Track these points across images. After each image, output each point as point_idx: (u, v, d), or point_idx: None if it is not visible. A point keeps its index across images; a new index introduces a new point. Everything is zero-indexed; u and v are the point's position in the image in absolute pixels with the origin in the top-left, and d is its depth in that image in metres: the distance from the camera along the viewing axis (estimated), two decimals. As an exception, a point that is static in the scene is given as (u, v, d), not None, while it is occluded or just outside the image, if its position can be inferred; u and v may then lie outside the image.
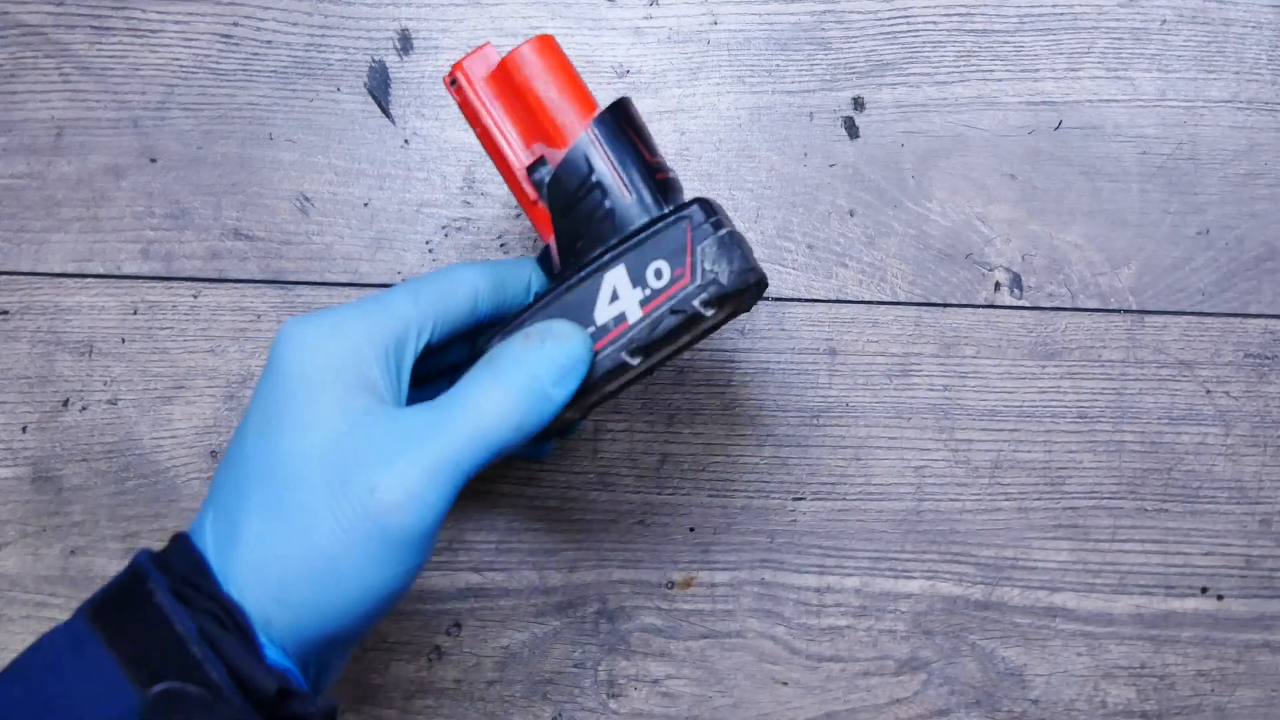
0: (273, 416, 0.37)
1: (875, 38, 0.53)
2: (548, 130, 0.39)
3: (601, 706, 0.52)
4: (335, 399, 0.37)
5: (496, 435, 0.37)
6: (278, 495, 0.36)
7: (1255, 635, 0.54)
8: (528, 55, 0.39)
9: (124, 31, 0.51)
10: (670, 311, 0.38)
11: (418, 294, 0.39)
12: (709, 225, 0.38)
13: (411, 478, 0.36)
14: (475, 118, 0.40)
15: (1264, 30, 0.53)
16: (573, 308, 0.39)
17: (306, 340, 0.37)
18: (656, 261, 0.38)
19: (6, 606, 0.51)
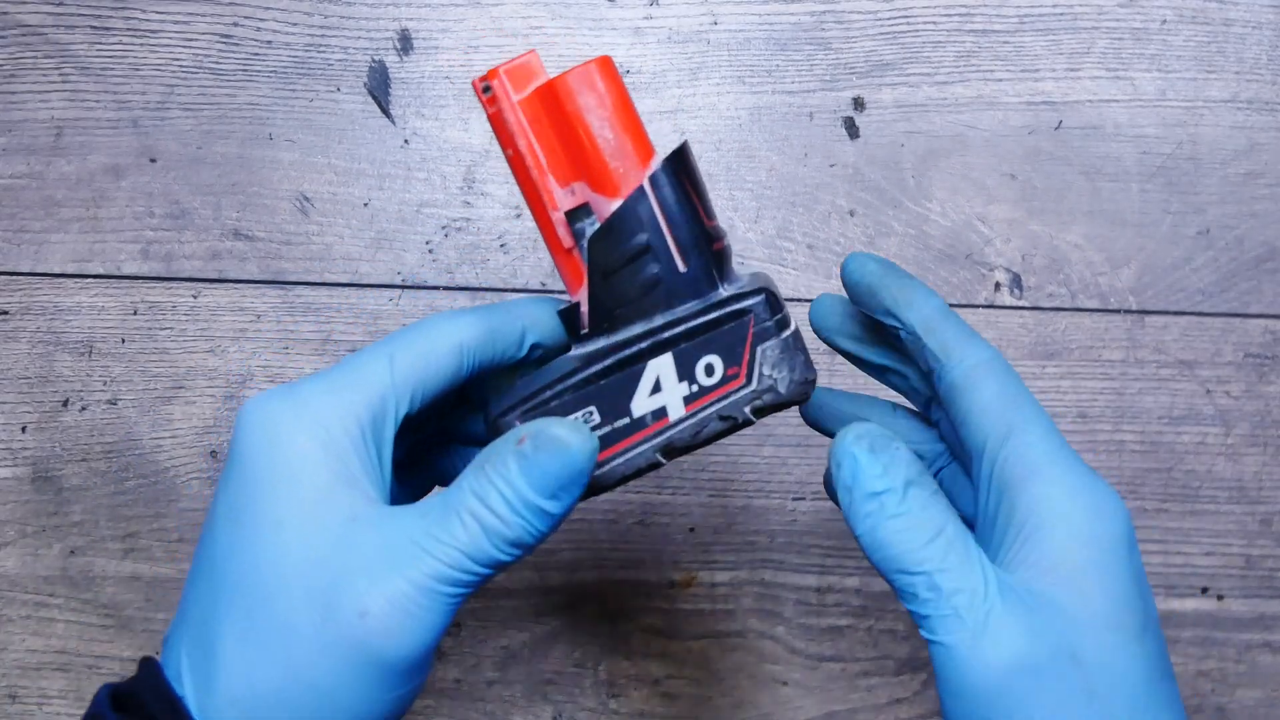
0: (243, 519, 0.33)
1: (875, 38, 0.53)
2: (597, 173, 0.34)
3: (601, 706, 0.52)
4: (311, 498, 0.32)
5: (491, 553, 0.32)
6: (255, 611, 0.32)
7: (1255, 635, 0.54)
8: (585, 81, 0.33)
9: (124, 31, 0.51)
10: (718, 417, 0.34)
11: (393, 358, 0.34)
12: (773, 325, 0.34)
13: (406, 598, 0.32)
14: (509, 139, 0.34)
15: (1264, 30, 0.53)
16: (608, 393, 0.34)
17: (271, 426, 0.33)
18: (709, 356, 0.34)
19: (6, 606, 0.51)
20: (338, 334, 0.52)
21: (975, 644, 0.32)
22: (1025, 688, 0.32)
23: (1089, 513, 0.34)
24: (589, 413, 0.34)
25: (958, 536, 0.33)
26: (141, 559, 0.51)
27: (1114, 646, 0.33)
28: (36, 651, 0.51)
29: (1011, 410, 0.35)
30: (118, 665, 0.51)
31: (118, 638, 0.51)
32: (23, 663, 0.51)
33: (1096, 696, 0.32)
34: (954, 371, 0.36)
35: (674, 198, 0.34)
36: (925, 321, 0.37)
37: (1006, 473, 0.35)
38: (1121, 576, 0.34)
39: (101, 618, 0.51)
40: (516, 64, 0.34)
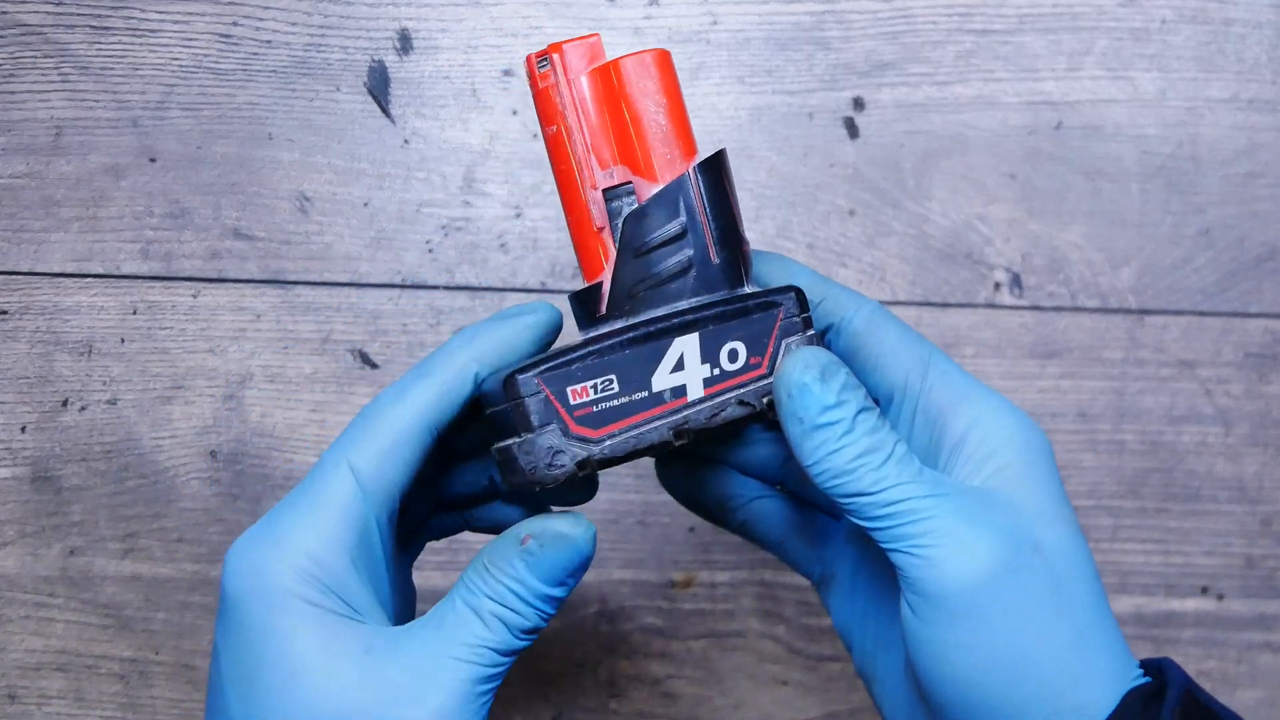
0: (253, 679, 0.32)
1: (875, 38, 0.53)
2: (643, 157, 0.34)
3: (601, 706, 0.52)
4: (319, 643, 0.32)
5: (514, 643, 0.33)
6: None
7: (1256, 635, 0.54)
8: (647, 67, 0.34)
9: (123, 31, 0.51)
10: (737, 402, 0.34)
11: (353, 466, 0.33)
12: (800, 321, 0.34)
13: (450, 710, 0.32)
14: (554, 115, 0.35)
15: (1264, 30, 0.53)
16: (630, 364, 0.33)
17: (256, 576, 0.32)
18: (735, 342, 0.34)
19: (6, 606, 0.51)
20: (337, 334, 0.52)
21: (948, 550, 0.32)
22: (999, 582, 0.32)
23: (1019, 428, 0.36)
24: (609, 380, 0.34)
25: (909, 456, 0.34)
26: (141, 559, 0.51)
27: (1066, 536, 0.34)
28: (36, 651, 0.51)
29: (918, 347, 0.37)
30: (117, 665, 0.51)
31: (117, 638, 0.51)
32: (22, 663, 0.51)
33: (1060, 586, 0.33)
34: (855, 320, 0.38)
35: (715, 189, 0.35)
36: (811, 283, 0.38)
37: (935, 401, 0.36)
38: (1055, 480, 0.36)
39: (101, 618, 0.51)
40: (580, 42, 0.34)
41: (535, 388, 0.33)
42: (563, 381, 0.33)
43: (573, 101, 0.34)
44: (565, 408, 0.33)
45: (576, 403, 0.33)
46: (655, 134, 0.34)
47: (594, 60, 0.35)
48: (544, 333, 0.37)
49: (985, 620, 0.32)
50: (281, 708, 0.32)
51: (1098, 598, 0.34)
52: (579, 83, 0.34)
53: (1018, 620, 0.32)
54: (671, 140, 0.34)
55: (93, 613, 0.51)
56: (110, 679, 0.51)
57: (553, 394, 0.33)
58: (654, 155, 0.34)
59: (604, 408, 0.33)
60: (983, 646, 0.32)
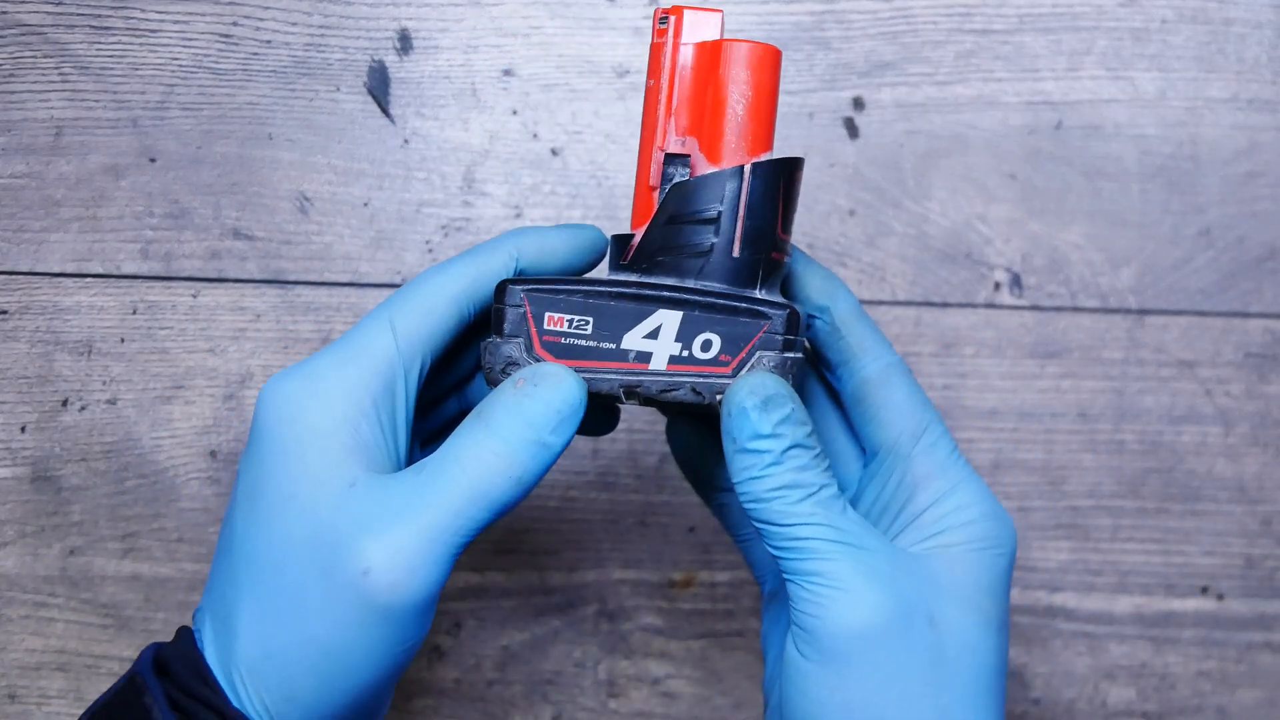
0: (257, 493, 0.34)
1: (875, 38, 0.53)
2: (712, 137, 0.36)
3: (601, 706, 0.52)
4: (318, 469, 0.34)
5: (496, 492, 0.34)
6: (268, 583, 0.34)
7: (1256, 635, 0.54)
8: (745, 55, 0.36)
9: (123, 31, 0.51)
10: (691, 389, 0.36)
11: (393, 323, 0.35)
12: (781, 340, 0.35)
13: (407, 551, 0.33)
14: (656, 69, 0.37)
15: (1264, 30, 0.53)
16: (610, 315, 0.35)
17: (285, 404, 0.34)
18: (712, 334, 0.35)
19: (6, 606, 0.51)
20: (337, 333, 0.52)
21: (837, 593, 0.33)
22: (878, 638, 0.33)
23: (985, 516, 0.36)
24: (585, 320, 0.36)
25: (833, 498, 0.34)
26: (141, 559, 0.51)
27: (972, 626, 0.35)
28: (36, 651, 0.51)
29: (920, 412, 0.38)
30: (117, 665, 0.51)
31: (117, 638, 0.51)
32: (22, 663, 0.51)
33: (943, 663, 0.34)
34: (870, 367, 0.38)
35: (762, 192, 0.36)
36: (845, 316, 0.39)
37: (914, 470, 0.37)
38: (997, 575, 0.36)
39: (101, 618, 0.51)
40: (701, 12, 0.37)
41: (519, 300, 0.36)
42: (544, 305, 0.35)
43: (672, 64, 0.36)
44: (538, 329, 0.36)
45: (549, 328, 0.36)
46: (730, 120, 0.36)
47: (706, 32, 0.37)
48: (587, 252, 0.39)
49: (854, 672, 0.33)
50: (272, 529, 0.34)
51: (983, 692, 0.35)
52: (684, 49, 0.36)
53: (885, 682, 0.33)
54: (742, 131, 0.36)
55: (93, 613, 0.51)
56: (110, 679, 0.51)
57: (532, 313, 0.36)
58: (722, 139, 0.36)
59: (571, 343, 0.36)
60: (846, 697, 0.33)
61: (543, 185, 0.52)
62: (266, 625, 0.34)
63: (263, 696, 0.33)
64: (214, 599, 0.35)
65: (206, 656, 0.34)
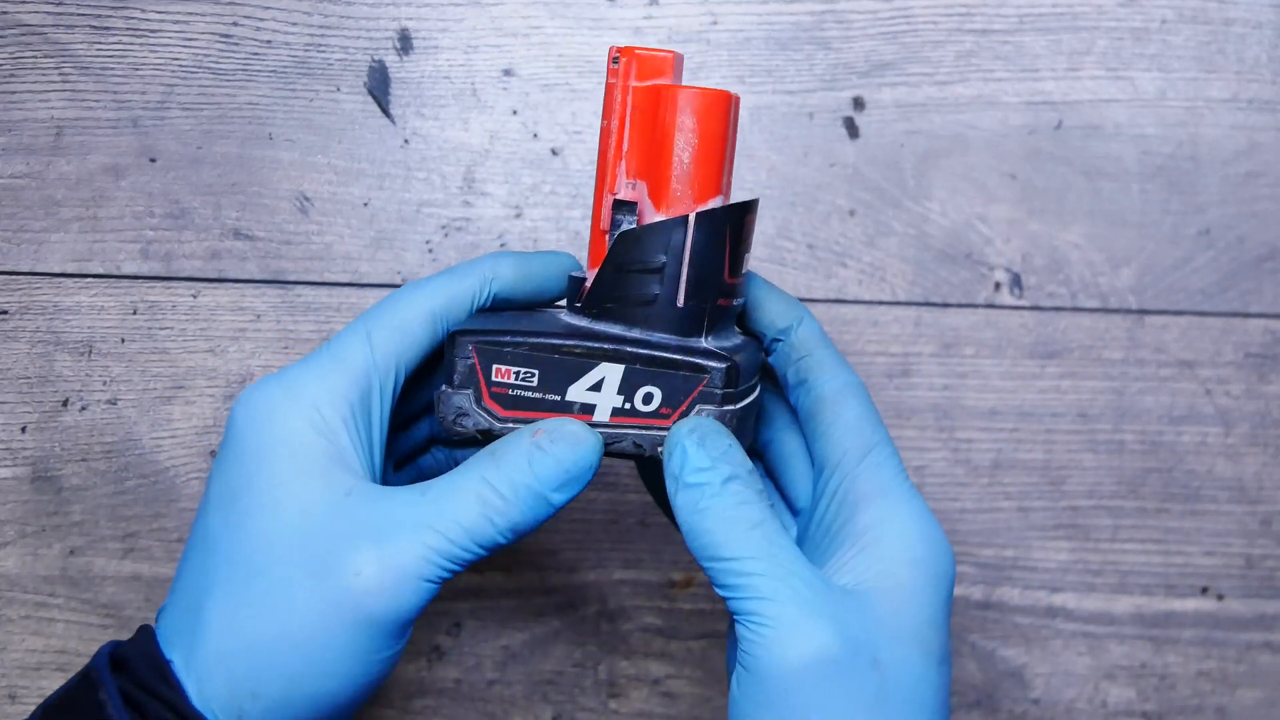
0: (238, 495, 0.34)
1: (875, 38, 0.53)
2: (658, 184, 0.36)
3: (601, 706, 0.52)
4: (306, 474, 0.34)
5: (491, 534, 0.34)
6: (248, 580, 0.34)
7: (1256, 635, 0.54)
8: (691, 101, 0.35)
9: (123, 31, 0.51)
10: (633, 442, 0.36)
11: (369, 335, 0.36)
12: (720, 394, 0.36)
13: (401, 562, 0.33)
14: (608, 110, 0.36)
15: (1264, 30, 0.53)
16: (555, 368, 0.36)
17: (263, 410, 0.35)
18: (654, 387, 0.36)
19: (6, 606, 0.51)
20: (337, 334, 0.52)
21: (780, 632, 0.33)
22: (821, 679, 0.33)
23: (925, 540, 0.36)
24: (531, 374, 0.36)
25: (775, 533, 0.34)
26: (141, 559, 0.51)
27: (915, 663, 0.34)
28: (36, 651, 0.51)
29: (869, 431, 0.38)
30: (117, 665, 0.51)
31: (117, 638, 0.51)
32: (22, 663, 0.51)
33: (886, 704, 0.33)
34: (826, 387, 0.38)
35: (706, 242, 0.36)
36: (806, 338, 0.39)
37: (857, 487, 0.37)
38: (938, 606, 0.35)
39: (101, 618, 0.51)
40: (652, 55, 0.36)
41: (468, 352, 0.36)
42: (492, 357, 0.36)
43: (623, 106, 0.36)
44: (486, 380, 0.36)
45: (497, 379, 0.36)
46: (676, 167, 0.35)
47: (661, 76, 0.36)
48: (562, 279, 0.39)
49: (793, 710, 0.33)
50: (256, 528, 0.34)
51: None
52: (634, 91, 0.36)
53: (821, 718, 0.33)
54: (688, 179, 0.35)
55: (93, 613, 0.51)
56: (110, 679, 0.51)
57: (480, 364, 0.36)
58: (668, 187, 0.36)
59: (518, 394, 0.36)
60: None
61: (543, 185, 0.52)
62: (242, 618, 0.33)
63: (226, 689, 0.33)
64: (180, 596, 0.35)
65: (167, 653, 0.34)
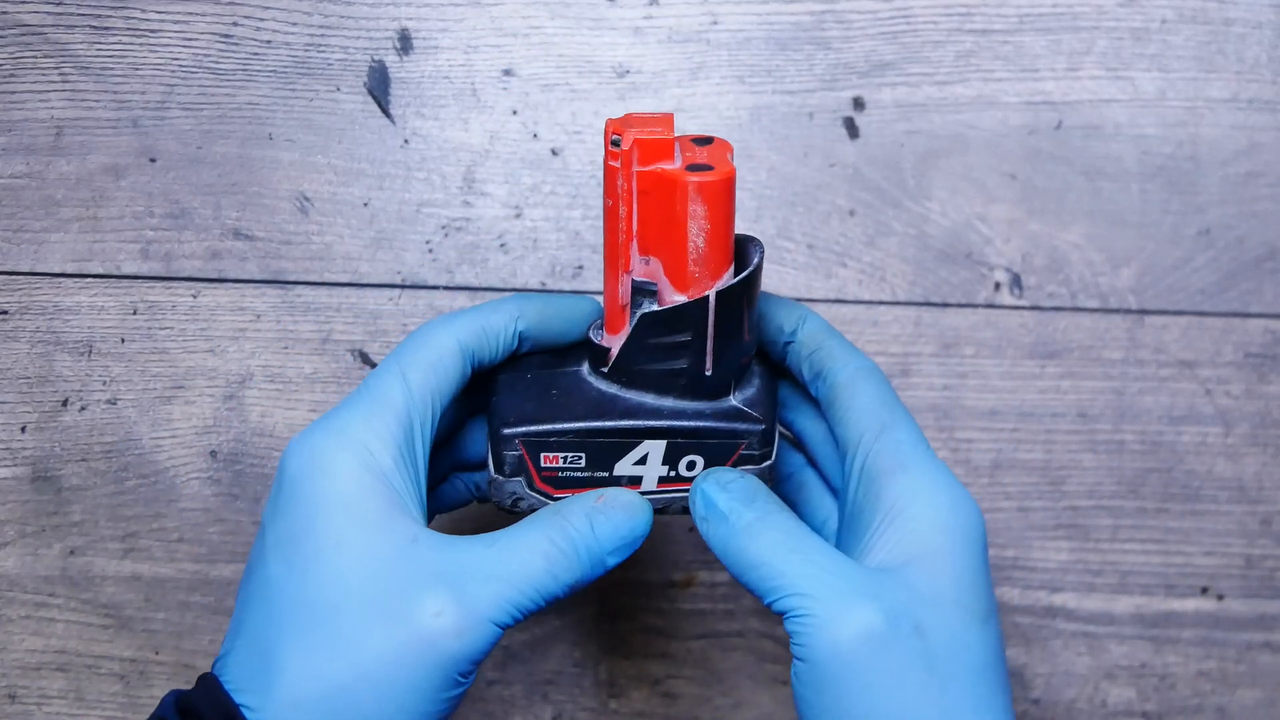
0: (299, 542, 0.35)
1: (875, 38, 0.53)
2: (676, 267, 0.37)
3: (601, 706, 0.52)
4: (369, 518, 0.35)
5: (552, 588, 0.36)
6: (320, 624, 0.34)
7: (1256, 635, 0.54)
8: (704, 194, 0.36)
9: (123, 31, 0.51)
10: (681, 507, 0.39)
11: (404, 374, 0.37)
12: (759, 454, 0.39)
13: (477, 606, 0.34)
14: (614, 192, 0.37)
15: (1264, 30, 0.53)
16: (600, 450, 0.38)
17: (315, 456, 0.35)
18: (695, 455, 0.38)
19: (6, 606, 0.51)
20: (337, 334, 0.52)
21: (822, 620, 0.34)
22: (869, 656, 0.34)
23: (949, 506, 0.37)
24: (578, 456, 0.38)
25: (802, 534, 0.36)
26: (141, 559, 0.51)
27: (957, 625, 0.36)
28: (36, 651, 0.51)
29: (885, 411, 0.39)
30: (117, 665, 0.51)
31: (117, 638, 0.51)
32: (22, 663, 0.51)
33: (936, 669, 0.35)
34: (840, 374, 0.40)
35: (729, 315, 0.37)
36: (815, 332, 0.41)
37: (878, 464, 0.38)
38: (972, 566, 0.37)
39: (101, 618, 0.51)
40: (654, 140, 0.36)
41: (515, 446, 0.38)
42: (539, 448, 0.38)
43: (629, 190, 0.36)
44: (535, 466, 0.38)
45: (546, 465, 0.38)
46: (693, 253, 0.36)
47: (661, 160, 0.36)
48: (583, 323, 0.41)
49: (850, 689, 0.34)
50: (324, 574, 0.34)
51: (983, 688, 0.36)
52: (638, 177, 0.36)
53: (881, 694, 0.34)
54: (705, 261, 0.37)
55: (93, 613, 0.51)
56: (110, 679, 0.51)
57: (529, 455, 0.38)
58: (687, 271, 0.37)
59: (568, 475, 0.38)
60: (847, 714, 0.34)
61: (543, 185, 0.52)
62: (318, 662, 0.34)
63: None
64: (246, 642, 0.35)
65: (238, 699, 0.34)
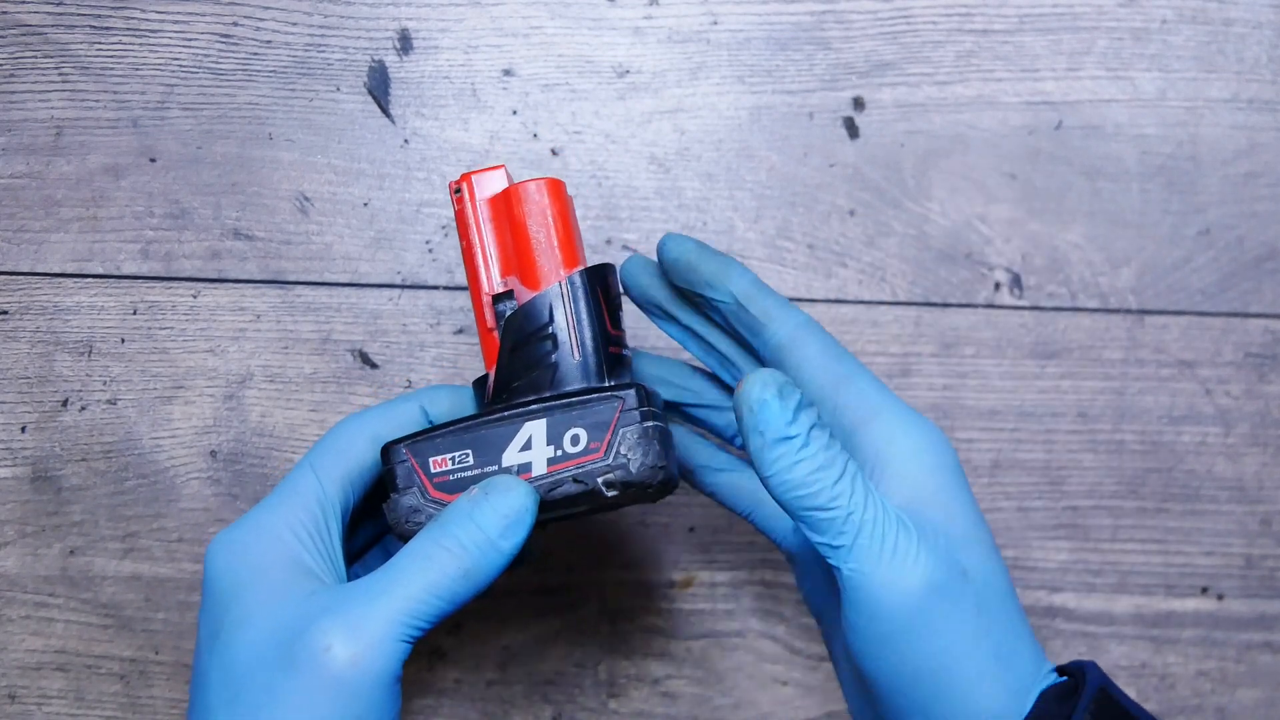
0: (218, 625, 0.37)
1: (875, 38, 0.53)
2: (526, 269, 0.40)
3: (601, 706, 0.52)
4: (273, 590, 0.36)
5: (448, 584, 0.36)
6: (238, 697, 0.35)
7: (1256, 635, 0.54)
8: (532, 193, 0.40)
9: (123, 31, 0.51)
10: (572, 479, 0.39)
11: (314, 466, 0.39)
12: (638, 413, 0.38)
13: (366, 628, 0.35)
14: (464, 231, 0.41)
15: (1264, 30, 0.53)
16: (484, 443, 0.39)
17: (230, 548, 0.38)
18: (578, 428, 0.39)
19: (6, 606, 0.51)
20: (337, 334, 0.52)
21: (888, 569, 0.35)
22: (935, 605, 0.35)
23: (926, 444, 0.38)
24: (465, 454, 0.39)
25: (857, 474, 0.36)
26: (141, 559, 0.51)
27: (984, 561, 0.37)
28: (36, 651, 0.51)
29: (836, 363, 0.39)
30: (117, 665, 0.51)
31: (117, 638, 0.51)
32: (22, 663, 0.51)
33: (983, 608, 0.36)
34: (779, 333, 0.40)
35: (583, 298, 0.40)
36: (745, 291, 0.41)
37: (846, 417, 0.38)
38: (967, 498, 0.38)
39: (101, 618, 0.51)
40: (486, 172, 0.41)
41: (403, 457, 0.39)
42: (426, 453, 0.39)
43: (475, 221, 0.41)
44: (427, 475, 0.39)
45: (436, 471, 0.39)
46: (539, 248, 0.40)
47: (497, 186, 0.41)
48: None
49: (913, 640, 0.35)
50: (235, 649, 0.36)
51: (1014, 613, 0.37)
52: (482, 206, 0.41)
53: (943, 641, 0.35)
54: (549, 254, 0.40)
55: (93, 613, 0.51)
56: (110, 679, 0.51)
57: (417, 463, 0.39)
58: (537, 267, 0.40)
59: (459, 476, 0.39)
60: (910, 663, 0.35)
61: (543, 185, 0.52)
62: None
63: None
64: None
65: None
